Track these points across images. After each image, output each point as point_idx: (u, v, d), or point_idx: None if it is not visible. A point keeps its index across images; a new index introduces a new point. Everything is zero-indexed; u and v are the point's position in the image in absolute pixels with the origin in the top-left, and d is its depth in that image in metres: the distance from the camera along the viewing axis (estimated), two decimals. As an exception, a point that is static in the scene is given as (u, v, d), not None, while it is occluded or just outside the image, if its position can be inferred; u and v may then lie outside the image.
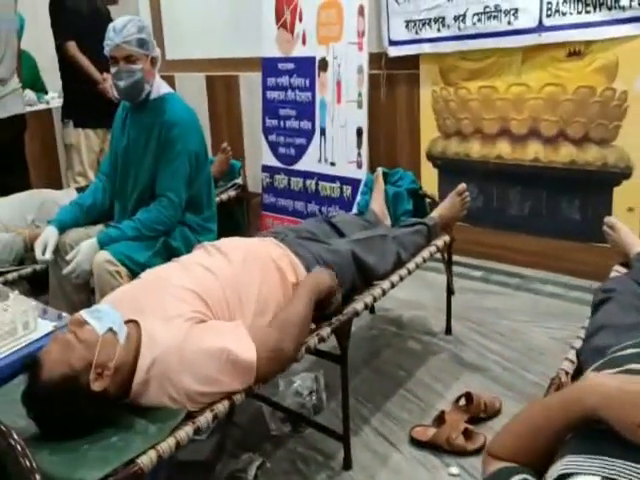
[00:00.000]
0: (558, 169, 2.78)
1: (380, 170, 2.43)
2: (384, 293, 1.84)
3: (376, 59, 3.33)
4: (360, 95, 3.31)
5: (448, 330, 2.42)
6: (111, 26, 2.16)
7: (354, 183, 3.36)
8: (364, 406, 1.98)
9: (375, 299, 1.81)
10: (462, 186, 2.25)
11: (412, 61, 3.23)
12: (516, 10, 2.76)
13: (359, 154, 3.32)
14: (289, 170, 3.78)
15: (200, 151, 2.28)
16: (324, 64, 3.54)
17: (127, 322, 1.41)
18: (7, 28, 3.08)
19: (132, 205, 2.27)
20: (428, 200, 2.39)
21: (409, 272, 1.97)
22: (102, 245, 2.11)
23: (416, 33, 3.16)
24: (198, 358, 1.32)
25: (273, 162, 3.87)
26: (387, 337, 2.38)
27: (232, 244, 1.70)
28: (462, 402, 1.90)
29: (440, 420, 1.83)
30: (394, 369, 2.21)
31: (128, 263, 2.05)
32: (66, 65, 3.56)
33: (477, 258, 2.84)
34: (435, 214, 2.23)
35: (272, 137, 3.89)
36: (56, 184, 4.01)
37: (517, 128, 2.89)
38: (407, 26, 3.19)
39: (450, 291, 2.33)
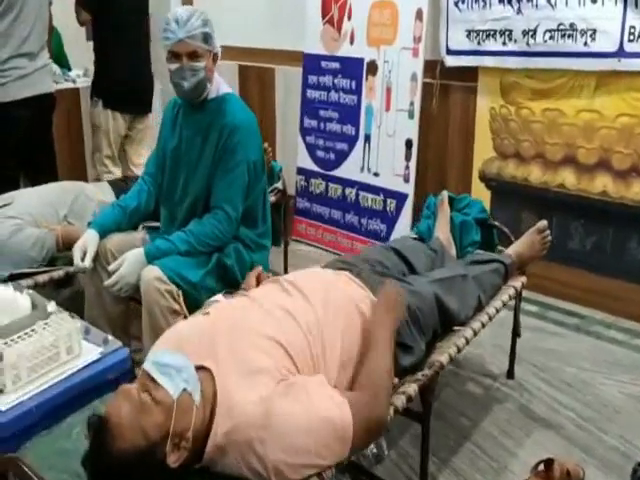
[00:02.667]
0: (629, 206, 2.58)
1: (446, 194, 2.21)
2: (467, 342, 1.64)
3: (430, 67, 3.09)
4: (412, 104, 3.09)
5: (510, 374, 2.23)
6: (172, 17, 1.90)
7: (399, 197, 3.15)
8: (429, 459, 1.77)
9: (459, 350, 1.61)
10: (543, 223, 2.04)
11: (470, 73, 2.99)
12: (594, 31, 2.54)
13: (407, 167, 3.11)
14: (327, 176, 3.56)
15: (258, 159, 2.06)
16: (373, 67, 3.31)
17: (197, 368, 1.21)
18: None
19: (183, 215, 2.04)
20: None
21: (490, 318, 1.77)
22: (149, 258, 1.89)
23: (478, 44, 2.92)
24: (289, 427, 1.12)
25: (310, 165, 3.65)
26: (445, 375, 2.18)
27: (309, 280, 1.48)
28: (541, 467, 1.71)
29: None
30: (457, 416, 2.01)
31: (179, 282, 1.83)
32: (102, 42, 3.31)
33: (532, 291, 2.64)
34: (512, 252, 2.02)
35: (310, 139, 3.66)
36: (80, 168, 3.78)
37: (585, 157, 2.68)
38: (468, 35, 2.95)
39: (516, 333, 2.13)
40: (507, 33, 2.80)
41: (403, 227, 3.09)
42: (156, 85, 3.63)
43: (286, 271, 3.03)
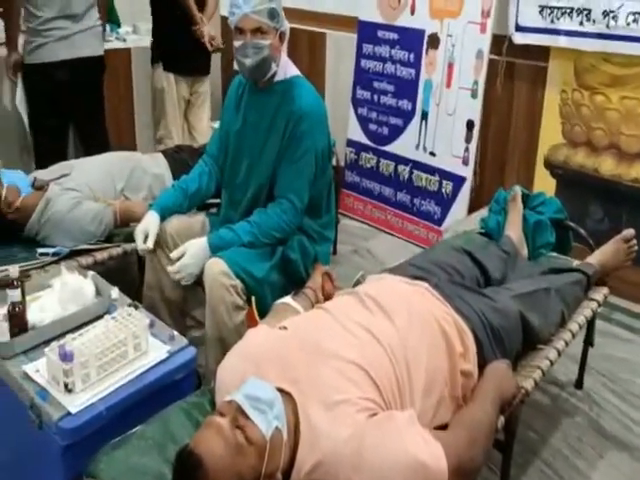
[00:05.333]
0: None
1: (519, 190, 2.05)
2: (552, 364, 1.52)
3: (496, 43, 2.86)
4: (476, 84, 2.88)
5: (578, 384, 2.10)
6: None
7: (457, 180, 2.98)
8: (496, 475, 1.66)
9: (544, 373, 1.49)
10: (630, 232, 1.88)
11: (541, 53, 2.76)
12: (685, 15, 2.29)
13: (467, 149, 2.92)
14: (379, 150, 3.38)
15: (326, 147, 1.92)
16: (435, 41, 3.08)
17: (277, 390, 1.12)
18: None
19: (245, 201, 1.92)
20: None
21: (573, 336, 1.65)
22: (213, 249, 1.79)
23: (551, 22, 2.68)
24: (379, 469, 1.03)
25: (361, 138, 3.48)
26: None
27: (390, 296, 1.36)
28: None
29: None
30: (523, 429, 1.86)
31: (245, 277, 1.73)
32: (159, 6, 3.15)
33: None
34: (594, 261, 1.87)
35: (362, 111, 3.48)
36: (129, 134, 3.65)
37: (664, 153, 2.47)
38: (541, 12, 2.71)
39: (589, 342, 1.99)
40: (585, 12, 2.56)
41: (459, 211, 2.93)
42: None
43: (335, 247, 2.92)
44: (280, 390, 1.13)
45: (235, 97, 1.98)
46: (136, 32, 4.05)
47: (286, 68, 1.90)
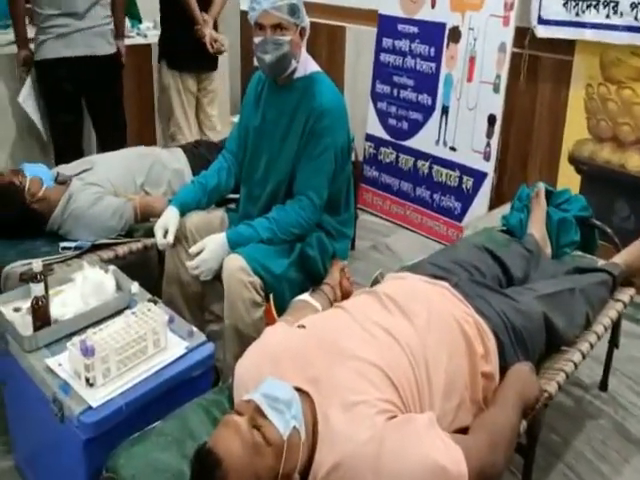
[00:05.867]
0: None
1: (542, 186, 2.00)
2: (576, 367, 1.49)
3: (519, 36, 2.80)
4: (498, 78, 2.83)
5: (603, 386, 2.05)
6: None
7: (477, 176, 2.94)
8: (518, 478, 1.61)
9: (568, 376, 1.46)
10: (657, 230, 1.83)
11: (565, 46, 2.70)
12: None
13: (488, 144, 2.88)
14: (399, 145, 3.35)
15: (346, 145, 1.90)
16: (456, 34, 3.04)
17: (295, 389, 1.11)
18: None
19: (264, 197, 1.91)
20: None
21: (598, 338, 1.61)
22: (232, 245, 1.78)
23: (576, 15, 2.61)
24: (399, 473, 1.01)
25: (380, 133, 3.45)
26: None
27: (409, 297, 1.33)
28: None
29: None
30: (545, 431, 1.81)
31: (263, 274, 1.72)
32: (166, 2, 3.14)
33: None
34: (620, 261, 1.82)
35: (382, 105, 3.44)
36: (149, 130, 3.66)
37: (692, 150, 2.40)
38: (565, 4, 2.64)
39: (614, 344, 1.95)
40: (612, 4, 2.49)
41: (480, 208, 2.89)
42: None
43: (354, 242, 2.90)
44: (298, 390, 1.12)
45: (254, 93, 1.97)
46: (157, 28, 4.03)
47: (306, 64, 1.88)
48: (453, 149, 3.05)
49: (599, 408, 1.98)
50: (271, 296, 1.74)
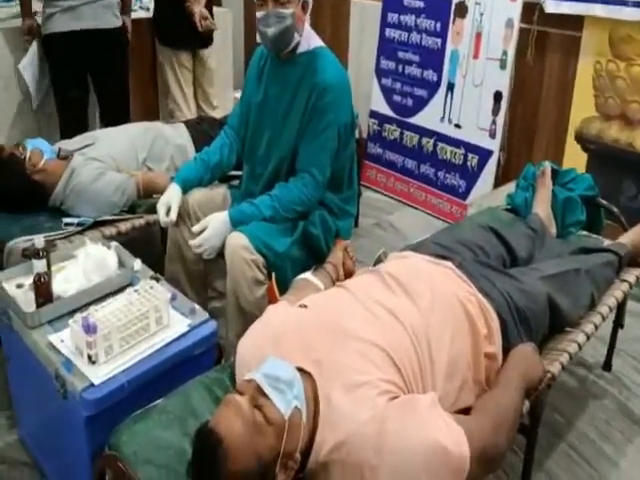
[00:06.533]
0: None
1: (548, 165, 1.96)
2: (580, 348, 1.48)
3: (527, 11, 2.73)
4: (505, 54, 2.77)
5: (607, 366, 2.03)
6: None
7: (483, 153, 2.89)
8: (520, 457, 1.58)
9: (571, 357, 1.44)
10: (665, 210, 1.80)
11: (574, 22, 2.63)
12: None
13: (494, 122, 2.83)
14: (403, 122, 3.30)
15: (349, 121, 1.86)
16: (462, 9, 2.96)
17: (297, 369, 1.10)
18: None
19: (266, 174, 1.89)
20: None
21: (603, 319, 1.59)
22: (234, 222, 1.76)
23: (586, -11, 2.54)
24: (400, 453, 1.00)
25: (384, 109, 3.39)
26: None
27: (413, 276, 1.31)
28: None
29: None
30: (548, 411, 1.78)
31: (266, 252, 1.70)
32: None
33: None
34: (627, 240, 1.78)
35: (386, 81, 3.38)
36: (152, 105, 3.60)
37: (702, 127, 2.35)
38: (575, -22, 2.57)
39: (619, 323, 1.93)
40: (623, -21, 2.42)
41: (484, 186, 2.86)
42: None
43: (357, 220, 2.87)
44: (300, 370, 1.11)
45: (257, 69, 1.92)
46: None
47: (309, 39, 1.83)
48: (458, 126, 3.00)
49: (603, 388, 1.97)
50: (273, 274, 1.72)
